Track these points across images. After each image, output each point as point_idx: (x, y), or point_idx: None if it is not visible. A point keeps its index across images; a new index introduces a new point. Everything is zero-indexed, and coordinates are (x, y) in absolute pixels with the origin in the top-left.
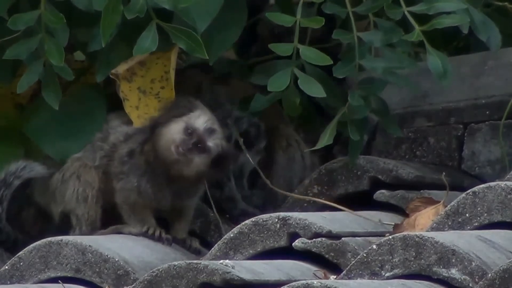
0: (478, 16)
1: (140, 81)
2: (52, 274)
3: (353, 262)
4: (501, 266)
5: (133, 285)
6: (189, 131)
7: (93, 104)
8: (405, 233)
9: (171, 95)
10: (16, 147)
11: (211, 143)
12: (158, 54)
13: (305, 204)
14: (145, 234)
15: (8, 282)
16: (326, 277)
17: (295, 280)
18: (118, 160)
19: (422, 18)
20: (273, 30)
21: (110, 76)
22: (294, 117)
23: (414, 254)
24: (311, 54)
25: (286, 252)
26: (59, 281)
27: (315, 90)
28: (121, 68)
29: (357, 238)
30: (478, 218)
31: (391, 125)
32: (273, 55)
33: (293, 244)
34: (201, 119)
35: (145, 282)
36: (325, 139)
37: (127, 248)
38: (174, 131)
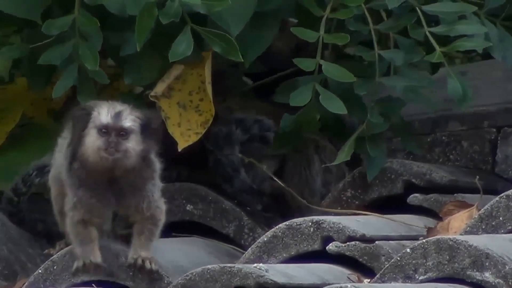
0: (495, 33)
1: (178, 95)
2: (86, 278)
3: (387, 265)
4: None
5: None
6: (103, 130)
7: None
8: (438, 236)
9: (211, 108)
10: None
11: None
12: (192, 64)
13: (339, 208)
14: (77, 271)
15: (42, 286)
16: (360, 281)
17: (329, 284)
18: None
19: (443, 39)
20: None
21: (150, 98)
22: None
23: (447, 257)
24: (333, 70)
25: (320, 256)
26: (93, 284)
27: (336, 106)
28: (160, 88)
29: (390, 241)
30: None
31: (410, 142)
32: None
33: (327, 247)
34: (103, 111)
35: (179, 286)
36: (343, 155)
37: (161, 252)
38: (90, 141)
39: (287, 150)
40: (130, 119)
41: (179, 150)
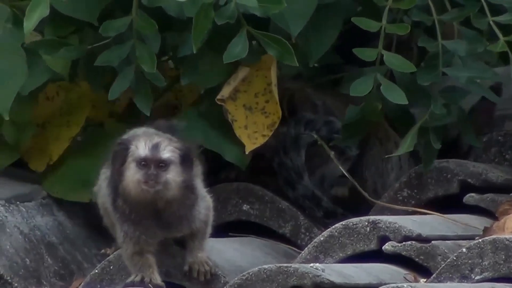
0: None
1: (244, 97)
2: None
3: (443, 265)
4: None
5: None
6: (142, 163)
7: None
8: (494, 236)
9: (277, 110)
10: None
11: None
12: (257, 66)
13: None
14: (132, 284)
15: (98, 286)
16: (416, 281)
17: (385, 284)
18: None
19: (507, 28)
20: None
21: (216, 101)
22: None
23: (503, 257)
24: (395, 61)
25: (376, 256)
26: (149, 284)
27: (398, 96)
28: (226, 92)
29: (447, 241)
30: None
31: (469, 134)
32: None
33: (383, 247)
34: (141, 144)
35: (235, 286)
36: (406, 145)
37: (217, 251)
38: (130, 174)
39: (353, 141)
40: (168, 150)
41: (246, 152)
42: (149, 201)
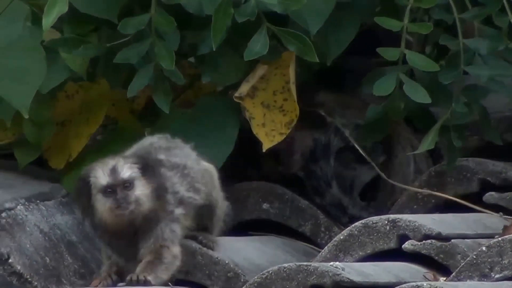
0: None
1: (262, 95)
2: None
3: (463, 264)
4: None
5: (243, 287)
6: (108, 190)
7: (225, 118)
8: None
9: (295, 108)
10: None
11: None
12: (276, 64)
13: (415, 206)
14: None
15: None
16: (436, 279)
17: (405, 282)
18: None
19: None
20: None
21: (234, 99)
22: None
23: None
24: (417, 60)
25: (396, 254)
26: (169, 283)
27: (420, 95)
28: (244, 89)
29: (466, 240)
30: None
31: (491, 132)
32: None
33: (402, 246)
34: (99, 173)
35: (255, 284)
36: (427, 143)
37: (237, 250)
38: (100, 206)
39: (373, 140)
40: (127, 168)
41: (264, 150)
42: (127, 223)
